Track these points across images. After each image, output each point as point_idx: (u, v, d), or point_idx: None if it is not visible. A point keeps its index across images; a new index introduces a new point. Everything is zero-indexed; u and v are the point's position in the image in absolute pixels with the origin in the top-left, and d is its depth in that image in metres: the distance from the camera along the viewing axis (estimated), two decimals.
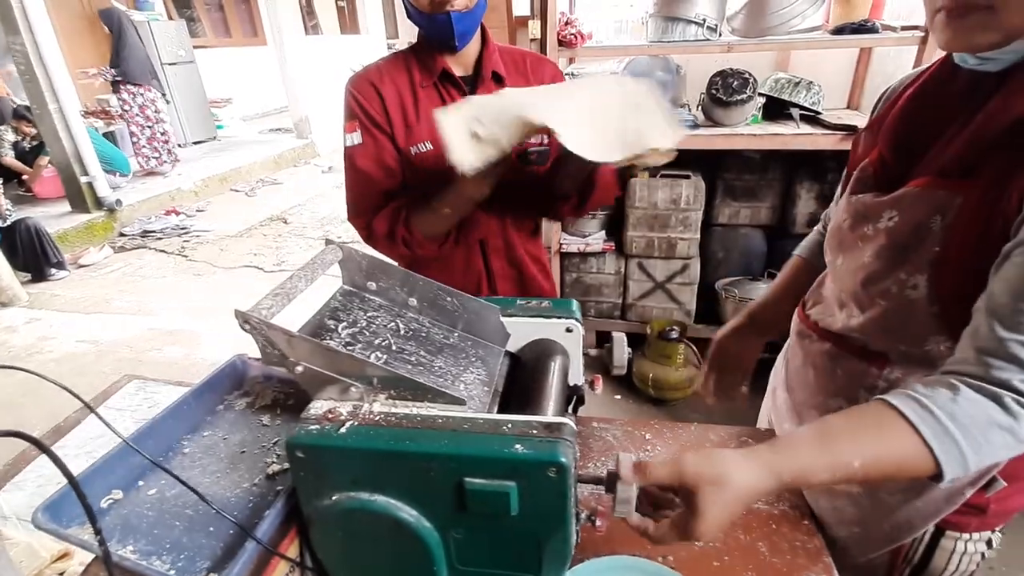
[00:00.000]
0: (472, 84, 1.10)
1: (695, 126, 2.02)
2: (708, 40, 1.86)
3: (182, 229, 4.83)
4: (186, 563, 0.60)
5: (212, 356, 2.91)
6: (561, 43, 1.90)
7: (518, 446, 0.53)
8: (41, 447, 0.50)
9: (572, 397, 0.83)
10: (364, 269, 0.76)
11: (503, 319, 0.77)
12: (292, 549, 0.64)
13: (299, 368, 0.59)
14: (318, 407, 0.59)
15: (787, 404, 0.96)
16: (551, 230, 2.24)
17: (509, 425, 0.55)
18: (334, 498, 0.57)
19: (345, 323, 0.71)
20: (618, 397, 2.34)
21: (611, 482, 0.58)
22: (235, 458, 0.77)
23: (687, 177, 2.09)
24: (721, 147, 1.96)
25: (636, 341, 2.40)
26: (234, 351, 0.87)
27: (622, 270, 2.31)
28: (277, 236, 4.72)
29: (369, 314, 0.75)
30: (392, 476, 0.56)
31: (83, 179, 4.59)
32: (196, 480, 0.73)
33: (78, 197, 4.70)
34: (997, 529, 0.80)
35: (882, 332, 0.74)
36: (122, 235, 4.81)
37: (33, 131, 4.85)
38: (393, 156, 1.10)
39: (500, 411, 0.69)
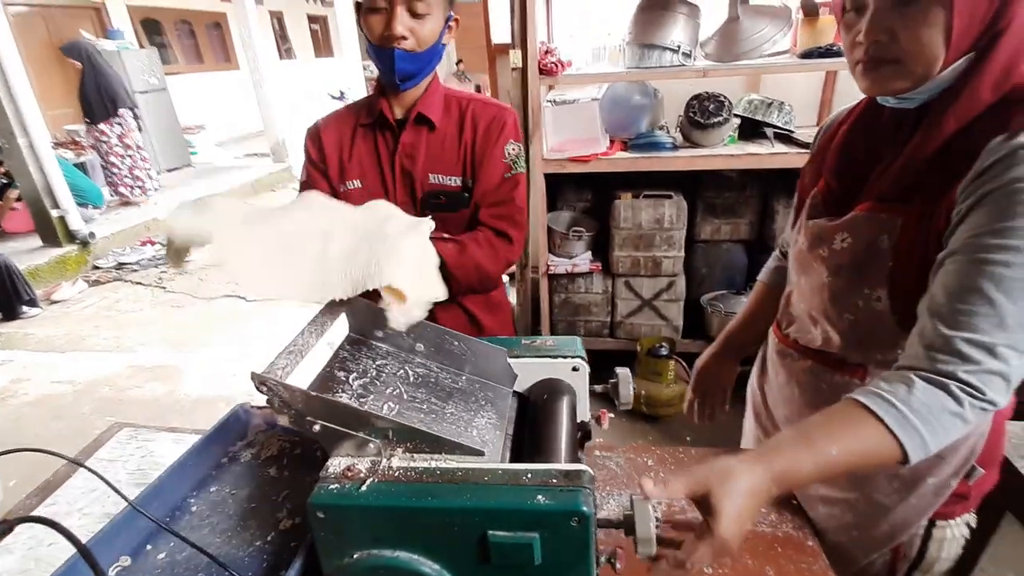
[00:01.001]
0: (402, 127, 1.12)
1: (675, 147, 2.07)
2: (683, 66, 1.92)
3: (159, 260, 4.74)
4: None
5: (196, 392, 2.84)
6: (542, 71, 1.94)
7: (540, 497, 0.54)
8: (58, 528, 0.50)
9: (579, 434, 0.84)
10: (371, 318, 0.77)
11: (509, 360, 0.78)
12: None
13: (316, 427, 0.59)
14: (336, 464, 0.59)
15: (771, 423, 1.02)
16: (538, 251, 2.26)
17: (529, 475, 0.56)
18: (356, 556, 0.57)
19: (355, 373, 0.72)
20: (611, 416, 2.35)
21: (629, 525, 0.59)
22: (245, 514, 0.76)
23: (669, 197, 2.14)
24: (701, 168, 2.01)
25: (626, 358, 2.43)
26: (218, 385, 0.86)
27: (609, 289, 2.35)
28: None
29: (378, 362, 0.75)
30: (414, 532, 0.56)
31: (54, 212, 4.48)
32: (207, 540, 0.72)
33: (49, 231, 4.58)
34: (972, 510, 0.86)
35: (857, 344, 0.80)
36: (96, 268, 4.69)
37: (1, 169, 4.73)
38: (324, 191, 1.13)
39: (513, 454, 0.70)
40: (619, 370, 0.71)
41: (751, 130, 2.12)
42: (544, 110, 2.01)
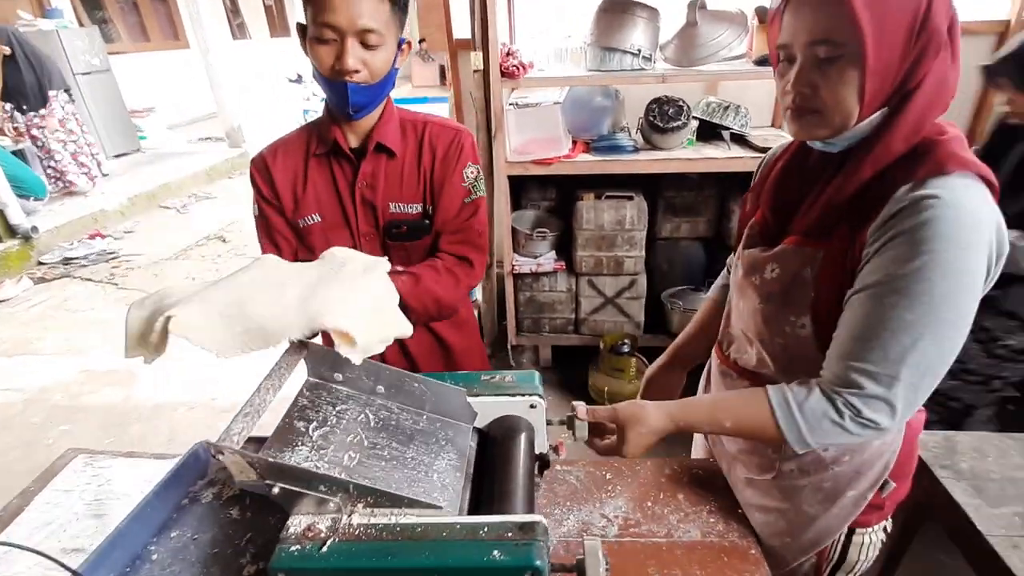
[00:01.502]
0: (360, 156, 1.09)
1: (636, 150, 2.10)
2: (643, 70, 1.94)
3: (109, 254, 4.54)
4: None
5: (154, 397, 2.76)
6: (504, 74, 1.93)
7: (496, 552, 0.57)
8: None
9: (537, 464, 0.87)
10: (329, 362, 0.77)
11: (469, 399, 0.80)
12: None
13: (275, 489, 0.60)
14: (297, 524, 0.61)
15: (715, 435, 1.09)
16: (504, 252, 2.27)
17: (485, 529, 0.59)
18: None
19: (315, 422, 0.72)
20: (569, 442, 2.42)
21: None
22: (207, 561, 0.76)
23: (631, 198, 2.18)
24: (659, 171, 2.06)
25: (590, 354, 2.49)
26: (177, 390, 0.84)
27: (573, 287, 2.39)
28: (216, 257, 4.52)
29: (338, 408, 0.76)
30: None
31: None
32: None
33: None
34: (888, 518, 0.97)
35: (787, 366, 0.87)
36: (41, 264, 4.46)
37: None
38: (282, 229, 1.14)
39: (473, 495, 0.73)
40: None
41: (709, 132, 2.17)
42: (507, 113, 2.01)
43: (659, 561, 0.93)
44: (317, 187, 1.11)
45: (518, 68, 1.92)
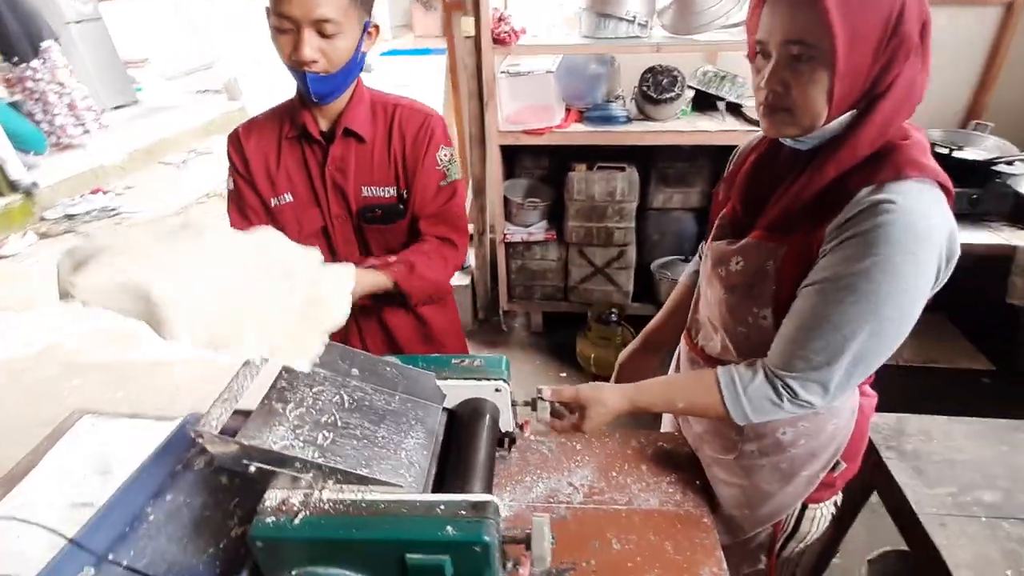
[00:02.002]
0: (329, 140, 1.10)
1: (628, 120, 2.08)
2: (639, 38, 1.90)
3: (111, 210, 4.57)
4: None
5: (154, 355, 2.86)
6: (496, 41, 1.90)
7: (449, 528, 0.63)
8: None
9: (505, 440, 0.94)
10: None
11: (438, 382, 0.86)
12: None
13: (252, 468, 0.66)
14: (273, 498, 0.67)
15: (683, 417, 1.16)
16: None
17: (442, 507, 0.65)
18: (294, 573, 0.67)
19: (292, 403, 0.78)
20: (564, 375, 2.50)
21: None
22: (199, 523, 0.84)
23: (622, 169, 2.17)
24: (651, 143, 2.04)
25: (578, 322, 2.54)
26: (177, 347, 0.81)
27: (563, 257, 2.42)
28: (216, 215, 4.54)
29: (315, 389, 0.82)
30: (344, 555, 0.65)
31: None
32: (163, 548, 0.80)
33: None
34: (838, 493, 1.04)
35: (750, 353, 0.90)
36: (43, 219, 4.50)
37: None
38: (254, 206, 1.15)
39: (438, 472, 0.79)
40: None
41: (705, 102, 2.14)
42: (499, 81, 1.98)
43: (618, 527, 1.01)
44: (289, 168, 1.11)
45: (510, 34, 1.89)
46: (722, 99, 2.06)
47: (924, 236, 0.68)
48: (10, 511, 1.12)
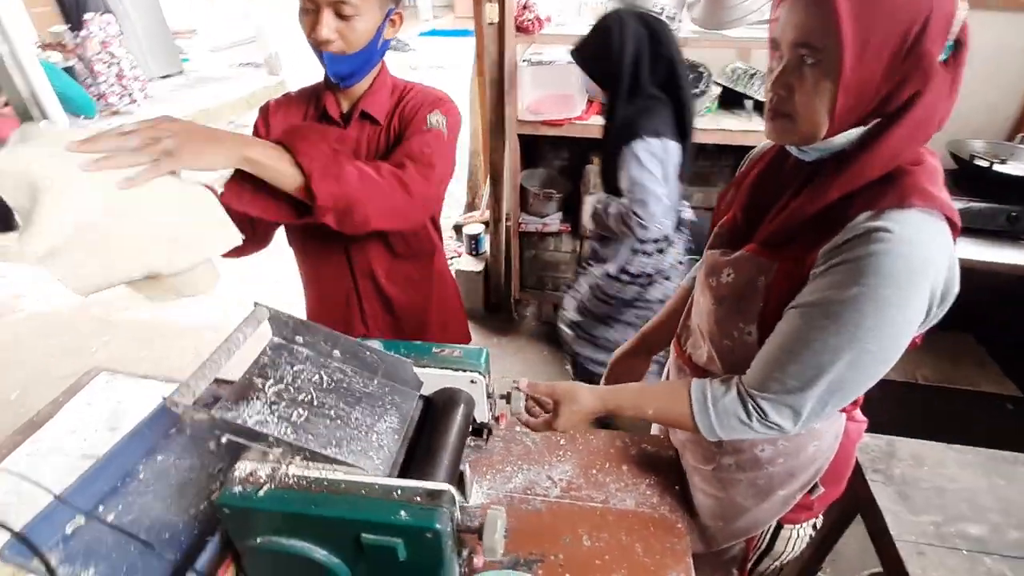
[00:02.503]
0: (346, 122, 1.11)
1: None
2: None
3: None
4: None
5: (182, 318, 2.98)
6: (519, 29, 1.88)
7: (403, 512, 0.65)
8: None
9: (483, 431, 0.95)
10: (291, 327, 0.85)
11: (417, 369, 0.88)
12: (230, 572, 0.77)
13: (223, 439, 0.70)
14: (242, 468, 0.71)
15: None
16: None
17: (399, 491, 0.68)
18: (258, 540, 0.70)
19: (272, 380, 0.81)
20: (568, 367, 2.51)
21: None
22: (184, 484, 0.89)
23: None
24: None
25: None
26: (206, 311, 0.88)
27: (577, 250, 2.41)
28: None
29: (296, 367, 0.85)
30: (305, 528, 0.68)
31: (42, 124, 4.42)
32: (149, 505, 0.85)
33: None
34: (818, 516, 1.03)
35: (732, 368, 0.89)
36: None
37: None
38: None
39: (408, 453, 0.82)
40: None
41: (732, 100, 2.07)
42: (520, 69, 1.97)
43: (591, 524, 1.03)
44: None
45: (534, 22, 1.87)
46: (750, 98, 1.99)
47: (918, 270, 0.65)
48: (24, 458, 1.21)
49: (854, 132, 0.69)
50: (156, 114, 0.87)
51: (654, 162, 1.46)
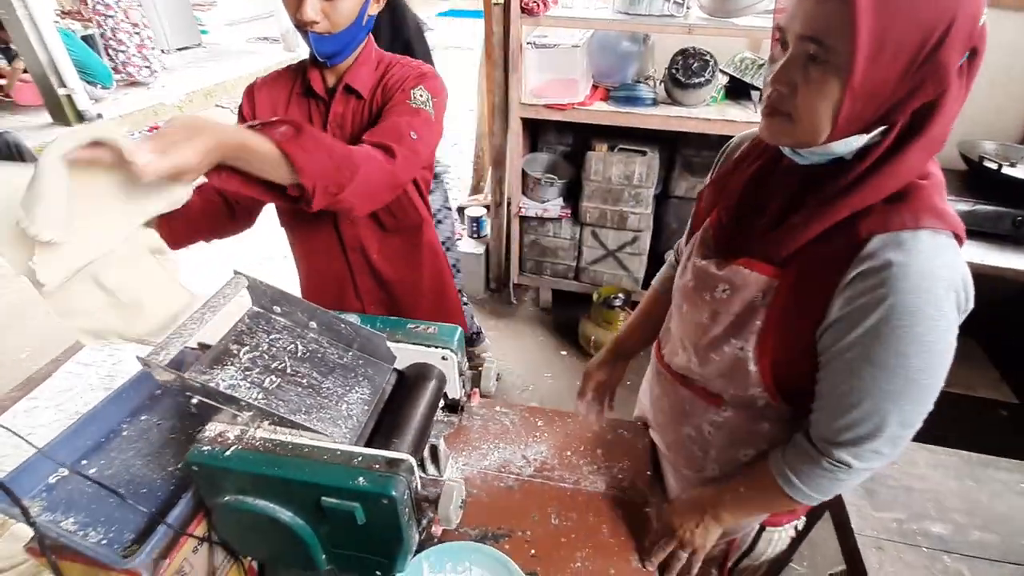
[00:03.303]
0: (331, 96, 1.11)
1: (655, 103, 2.02)
2: (673, 16, 1.82)
3: None
4: (116, 535, 0.77)
5: (201, 291, 3.03)
6: (524, 11, 1.86)
7: (361, 479, 0.68)
8: None
9: (458, 407, 0.97)
10: (269, 297, 0.88)
11: (390, 343, 0.90)
12: (201, 528, 0.81)
13: (194, 400, 0.72)
14: (212, 429, 0.73)
15: (652, 418, 1.12)
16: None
17: (359, 459, 0.70)
18: (226, 499, 0.73)
19: (248, 347, 0.84)
20: (564, 353, 2.52)
21: (436, 503, 0.74)
22: (165, 443, 0.92)
23: (643, 153, 2.12)
24: (675, 128, 1.98)
25: (587, 302, 2.55)
26: (215, 278, 0.85)
27: (577, 236, 2.41)
28: None
29: (272, 336, 0.87)
30: (268, 489, 0.71)
31: (61, 91, 4.49)
32: (130, 462, 0.89)
33: (58, 109, 4.62)
34: (800, 518, 1.02)
35: (717, 379, 0.86)
36: None
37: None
38: None
39: (377, 424, 0.84)
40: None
41: (741, 89, 2.04)
42: (525, 51, 1.95)
43: (560, 504, 1.05)
44: None
45: (540, 4, 1.85)
46: (758, 89, 1.96)
47: (943, 297, 0.62)
48: (22, 414, 1.26)
49: (855, 140, 0.64)
50: (173, 86, 0.87)
51: None
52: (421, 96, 1.06)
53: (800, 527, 1.04)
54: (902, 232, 0.63)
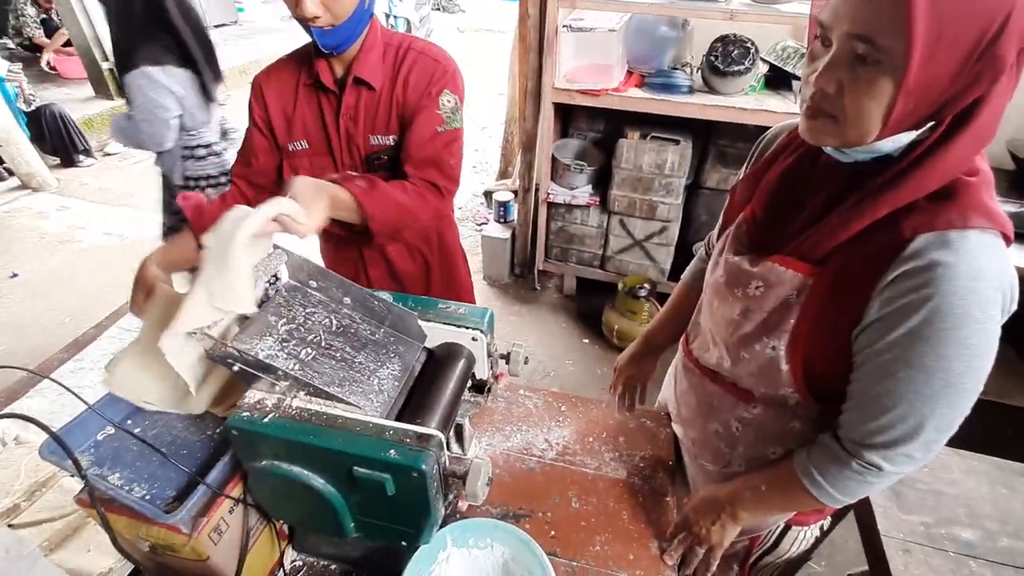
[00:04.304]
0: (341, 88, 1.10)
1: (691, 91, 1.98)
2: (715, 2, 1.78)
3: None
4: (158, 491, 0.80)
5: None
6: None
7: (392, 451, 0.70)
8: (32, 421, 0.68)
9: (484, 388, 0.99)
10: (306, 271, 0.90)
11: (422, 322, 0.91)
12: (237, 489, 0.84)
13: (235, 368, 0.75)
14: (251, 396, 0.76)
15: (676, 413, 1.11)
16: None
17: (391, 432, 0.72)
18: (262, 463, 0.76)
19: (285, 319, 0.86)
20: (586, 341, 2.52)
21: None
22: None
23: (676, 142, 2.09)
24: (712, 117, 1.94)
25: (611, 291, 2.54)
26: None
27: (604, 224, 2.39)
28: None
29: (308, 310, 0.89)
30: (303, 456, 0.74)
31: (104, 64, 4.61)
32: (171, 424, 0.92)
33: (100, 82, 4.74)
34: (827, 517, 1.01)
35: (747, 376, 0.85)
36: None
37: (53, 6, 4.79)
38: (258, 152, 1.16)
39: (407, 400, 0.86)
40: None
41: (781, 80, 1.99)
42: (560, 35, 1.93)
43: (581, 488, 1.06)
44: (305, 116, 1.13)
45: None
46: (799, 78, 1.90)
47: (990, 299, 0.60)
48: (68, 374, 1.32)
49: (904, 137, 0.61)
50: None
51: (156, 88, 1.68)
52: (448, 103, 1.09)
53: (825, 527, 1.03)
54: (949, 231, 0.61)
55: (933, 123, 0.61)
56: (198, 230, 1.02)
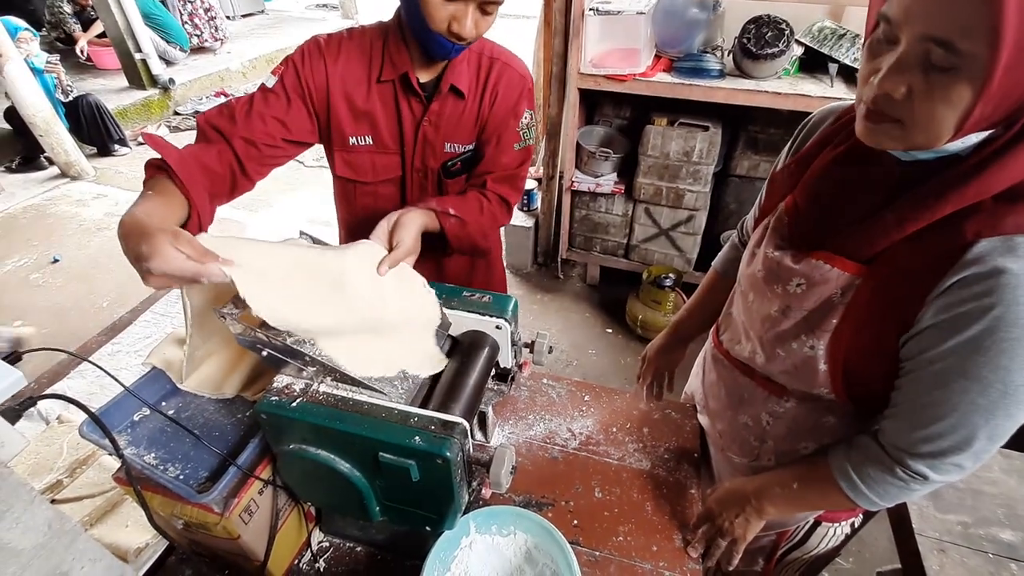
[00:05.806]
0: (431, 93, 1.06)
1: (721, 75, 1.92)
2: None
3: None
4: (191, 472, 0.83)
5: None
6: None
7: (417, 438, 0.70)
8: (72, 402, 0.71)
9: (508, 376, 0.98)
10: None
11: (446, 310, 0.91)
12: (267, 471, 0.86)
13: (264, 353, 0.76)
14: (280, 381, 0.77)
15: (704, 404, 1.09)
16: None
17: (416, 419, 0.72)
18: (290, 447, 0.78)
19: None
20: (609, 331, 2.50)
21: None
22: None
23: (704, 128, 2.03)
24: (742, 102, 1.88)
25: (635, 280, 2.50)
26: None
27: (629, 213, 2.35)
28: None
29: None
30: (330, 441, 0.75)
31: (137, 56, 4.71)
32: (203, 407, 0.95)
33: (134, 73, 4.86)
34: (858, 515, 0.97)
35: (780, 373, 0.83)
36: (176, 114, 5.01)
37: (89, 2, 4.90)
38: (271, 120, 0.99)
39: (431, 387, 0.86)
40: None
41: (816, 62, 1.91)
42: (587, 18, 1.89)
43: (604, 478, 1.06)
44: (377, 113, 1.06)
45: None
46: (836, 61, 1.83)
47: None
48: (106, 357, 1.37)
49: (973, 137, 0.57)
50: (237, 52, 0.93)
51: None
52: (527, 120, 1.12)
53: (857, 524, 1.00)
54: (1016, 236, 0.57)
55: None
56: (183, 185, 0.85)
